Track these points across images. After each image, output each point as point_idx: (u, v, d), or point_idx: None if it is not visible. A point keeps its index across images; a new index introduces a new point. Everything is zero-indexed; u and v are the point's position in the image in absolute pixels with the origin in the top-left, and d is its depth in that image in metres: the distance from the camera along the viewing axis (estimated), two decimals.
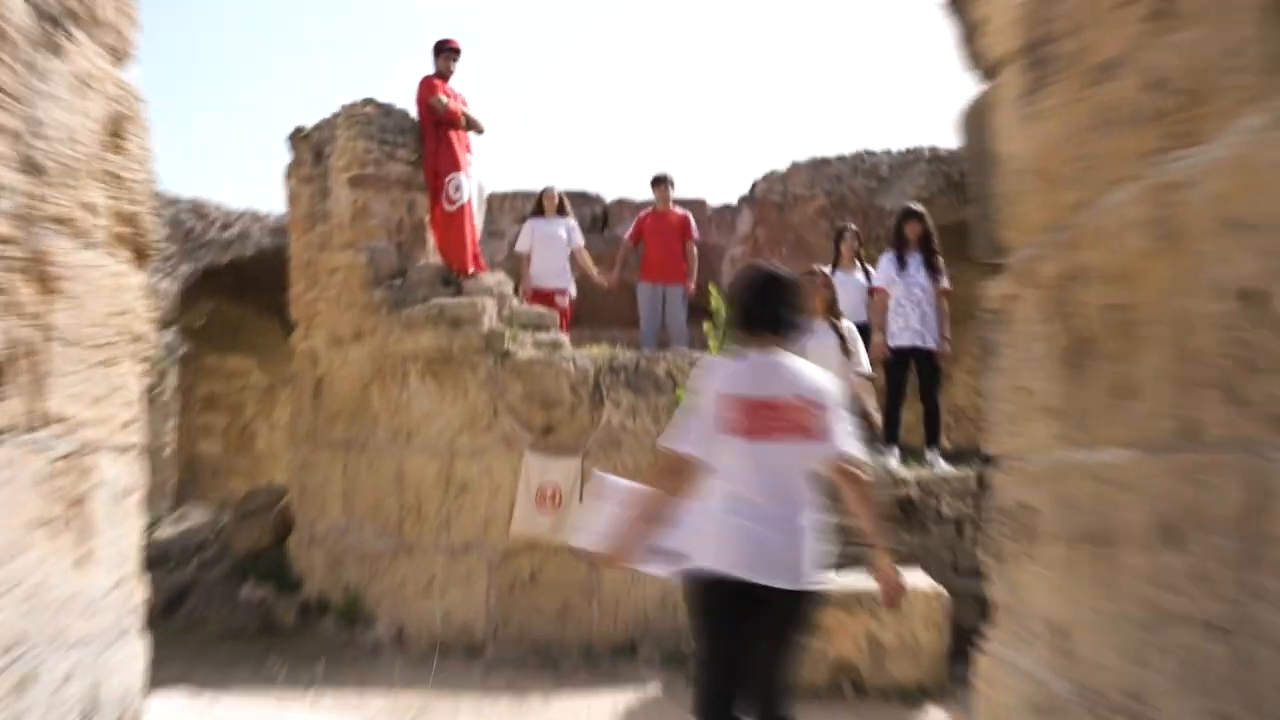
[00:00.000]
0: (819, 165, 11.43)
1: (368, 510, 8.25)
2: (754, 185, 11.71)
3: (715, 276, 11.38)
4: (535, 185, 11.51)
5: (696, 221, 11.42)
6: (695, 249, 10.39)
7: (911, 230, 8.53)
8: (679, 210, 10.47)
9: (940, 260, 8.54)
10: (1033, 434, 2.73)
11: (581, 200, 11.32)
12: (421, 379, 7.92)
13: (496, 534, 7.70)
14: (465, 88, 8.99)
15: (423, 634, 7.71)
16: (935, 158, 11.16)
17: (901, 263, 8.53)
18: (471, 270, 8.50)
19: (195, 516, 11.79)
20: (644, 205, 11.36)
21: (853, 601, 6.51)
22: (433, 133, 8.65)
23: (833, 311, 7.39)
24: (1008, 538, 2.94)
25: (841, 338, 7.21)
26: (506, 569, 7.70)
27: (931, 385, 8.56)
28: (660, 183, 10.33)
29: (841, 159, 11.45)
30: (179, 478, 15.21)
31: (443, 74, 8.84)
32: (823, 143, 52.51)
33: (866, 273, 9.03)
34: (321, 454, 8.79)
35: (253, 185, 46.67)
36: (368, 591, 8.08)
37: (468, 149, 8.79)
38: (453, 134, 8.67)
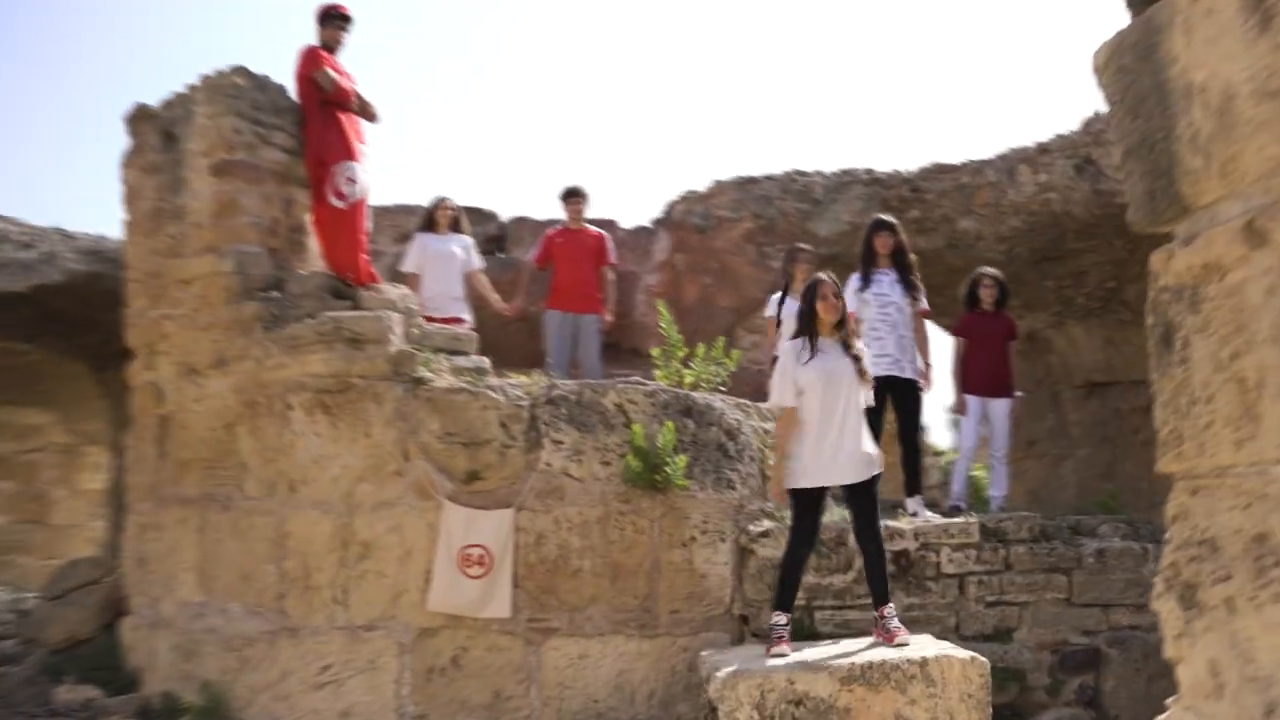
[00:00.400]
0: (745, 185, 10.67)
1: (234, 583, 6.89)
2: (671, 206, 10.87)
3: (629, 306, 10.44)
4: (417, 199, 10.35)
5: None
6: (613, 274, 9.46)
7: (882, 244, 7.79)
8: (594, 229, 9.54)
9: (917, 277, 7.80)
10: (1277, 439, 2.15)
11: (475, 217, 10.21)
12: (309, 415, 6.65)
13: (409, 608, 6.49)
14: (355, 67, 7.82)
15: None
16: (873, 180, 10.56)
17: (869, 280, 7.76)
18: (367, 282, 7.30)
19: None
20: (548, 224, 10.35)
21: (877, 676, 5.58)
22: (318, 114, 7.45)
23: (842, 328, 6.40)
24: (1219, 579, 2.35)
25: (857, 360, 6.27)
26: (422, 652, 6.47)
27: (912, 422, 7.83)
28: (573, 196, 9.43)
29: (770, 179, 10.72)
30: None
31: (329, 46, 7.66)
32: (743, 162, 52.27)
33: None
34: (168, 514, 7.39)
35: (63, 196, 43.06)
36: (234, 688, 6.71)
37: (360, 137, 7.62)
38: (342, 117, 7.49)
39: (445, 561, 6.46)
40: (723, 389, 7.35)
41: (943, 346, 9.60)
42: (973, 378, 8.40)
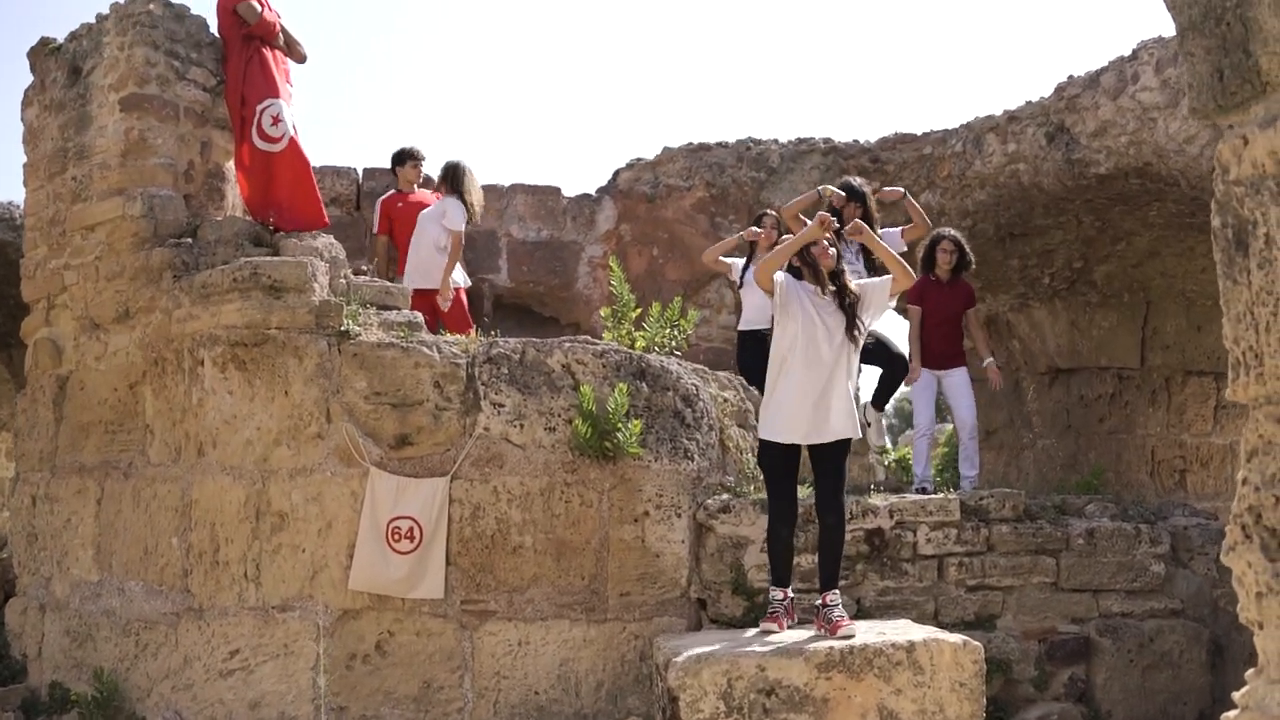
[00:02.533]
0: (697, 152, 10.09)
1: (134, 560, 6.16)
2: (617, 174, 10.27)
3: (571, 279, 9.79)
4: (344, 162, 9.63)
5: (550, 213, 9.84)
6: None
7: (852, 214, 7.17)
8: (430, 194, 8.48)
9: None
10: None
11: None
12: (221, 370, 5.90)
13: (329, 587, 5.80)
14: (282, 3, 7.10)
15: None
16: (831, 149, 10.04)
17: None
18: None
19: None
20: (485, 189, 9.65)
21: (859, 662, 4.96)
22: (240, 50, 6.73)
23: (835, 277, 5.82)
24: None
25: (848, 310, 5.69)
26: (343, 637, 5.78)
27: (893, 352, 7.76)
28: (408, 160, 8.39)
29: (724, 146, 10.15)
30: None
31: None
32: (695, 129, 51.66)
33: None
34: (64, 484, 6.66)
35: None
36: (131, 676, 6.01)
37: (287, 77, 6.90)
38: (267, 53, 6.78)
39: (370, 535, 5.76)
40: (678, 354, 6.71)
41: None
42: (924, 351, 7.79)
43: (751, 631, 5.56)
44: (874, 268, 7.22)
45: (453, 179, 7.90)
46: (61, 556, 6.62)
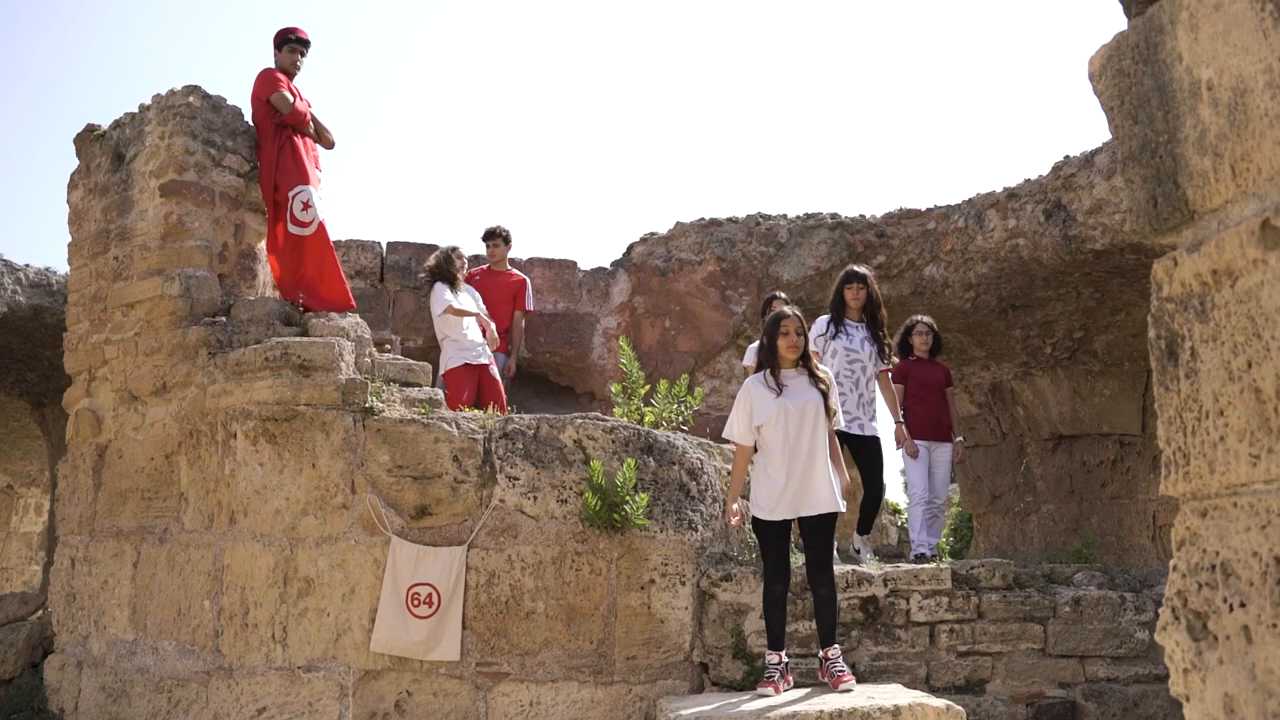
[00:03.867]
0: (708, 227, 10.50)
1: (168, 620, 6.55)
2: (631, 247, 10.68)
3: (586, 349, 10.21)
4: (367, 235, 10.13)
5: (566, 286, 10.31)
6: (523, 320, 9.51)
7: (854, 296, 7.59)
8: (516, 273, 9.52)
9: (886, 335, 7.63)
10: None
11: (429, 253, 10.00)
12: (253, 443, 6.35)
13: (352, 649, 6.15)
14: (311, 93, 7.63)
15: None
16: (838, 224, 10.42)
17: (839, 331, 7.57)
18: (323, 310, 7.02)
19: None
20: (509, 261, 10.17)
21: None
22: (272, 138, 7.23)
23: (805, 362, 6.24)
24: (1234, 606, 2.18)
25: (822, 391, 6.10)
26: (365, 696, 6.13)
27: (876, 475, 7.70)
28: (493, 238, 9.40)
29: (734, 221, 10.55)
30: None
31: (286, 70, 7.46)
32: (706, 204, 52.44)
33: None
34: (102, 547, 7.05)
35: (11, 227, 42.40)
36: None
37: (316, 163, 7.39)
38: (298, 140, 7.27)
39: (391, 600, 6.15)
40: (684, 428, 7.12)
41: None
42: (913, 424, 8.28)
43: (749, 694, 5.94)
44: (883, 352, 7.62)
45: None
46: (99, 616, 7.00)
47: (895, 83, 56.18)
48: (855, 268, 7.88)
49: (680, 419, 7.14)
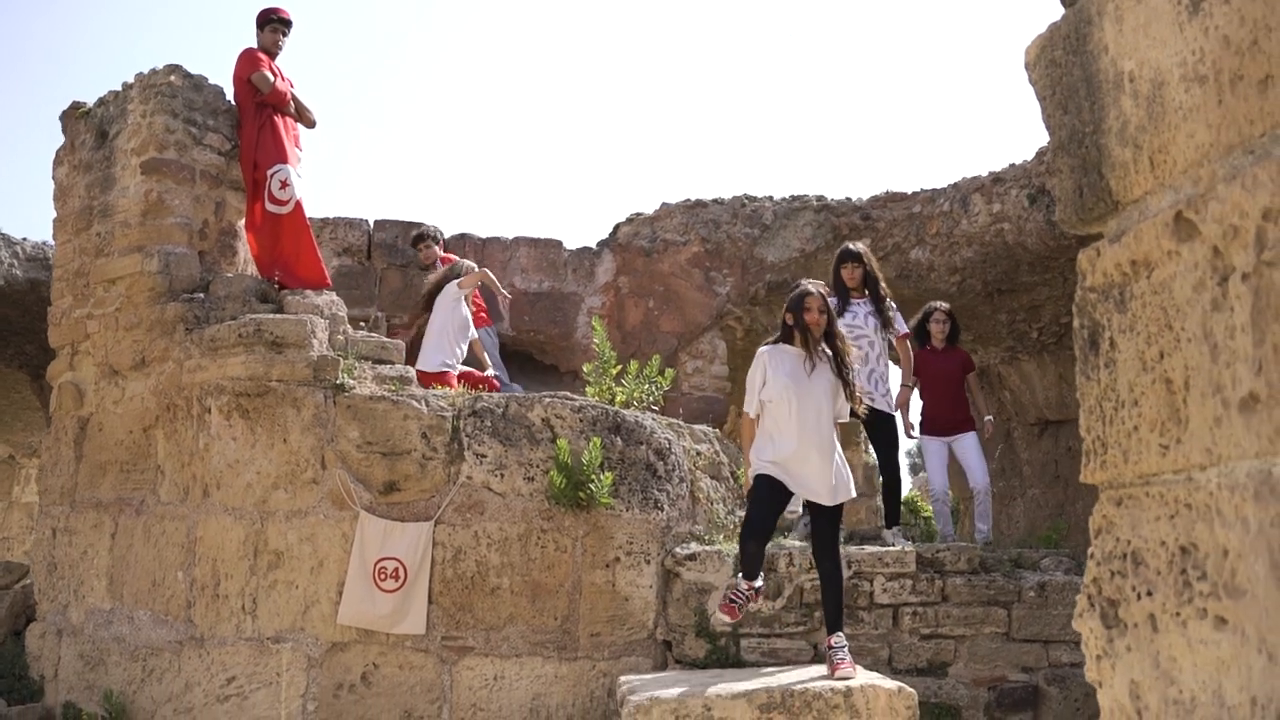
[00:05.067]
0: (694, 209, 10.60)
1: (144, 590, 6.74)
2: (616, 228, 10.79)
3: (571, 328, 10.35)
4: (354, 213, 10.27)
5: (551, 265, 10.44)
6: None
7: (850, 275, 7.61)
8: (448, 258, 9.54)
9: (891, 304, 7.67)
10: (1203, 443, 2.02)
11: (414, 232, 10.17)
12: (226, 418, 6.52)
13: (319, 621, 6.33)
14: (294, 73, 7.76)
15: None
16: (823, 207, 10.50)
17: (842, 311, 7.58)
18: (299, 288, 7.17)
19: None
20: (490, 241, 10.32)
21: (798, 705, 5.43)
22: (253, 117, 7.38)
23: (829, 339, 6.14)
24: (1142, 595, 2.20)
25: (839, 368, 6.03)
26: (331, 667, 6.31)
27: (891, 454, 7.77)
28: (420, 241, 9.44)
29: (719, 202, 10.63)
30: None
31: (268, 49, 7.60)
32: (692, 185, 52.60)
33: None
34: (82, 518, 7.24)
35: (8, 201, 42.91)
36: (138, 698, 6.55)
37: (296, 142, 7.53)
38: (278, 120, 7.42)
39: (359, 574, 6.31)
40: (655, 408, 7.24)
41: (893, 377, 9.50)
42: (929, 419, 8.21)
43: (711, 672, 6.05)
44: (885, 315, 7.64)
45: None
46: (78, 585, 7.20)
47: (882, 67, 56.08)
48: (851, 245, 7.84)
49: (651, 399, 7.27)
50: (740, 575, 5.97)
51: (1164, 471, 2.12)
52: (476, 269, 8.50)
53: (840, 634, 5.87)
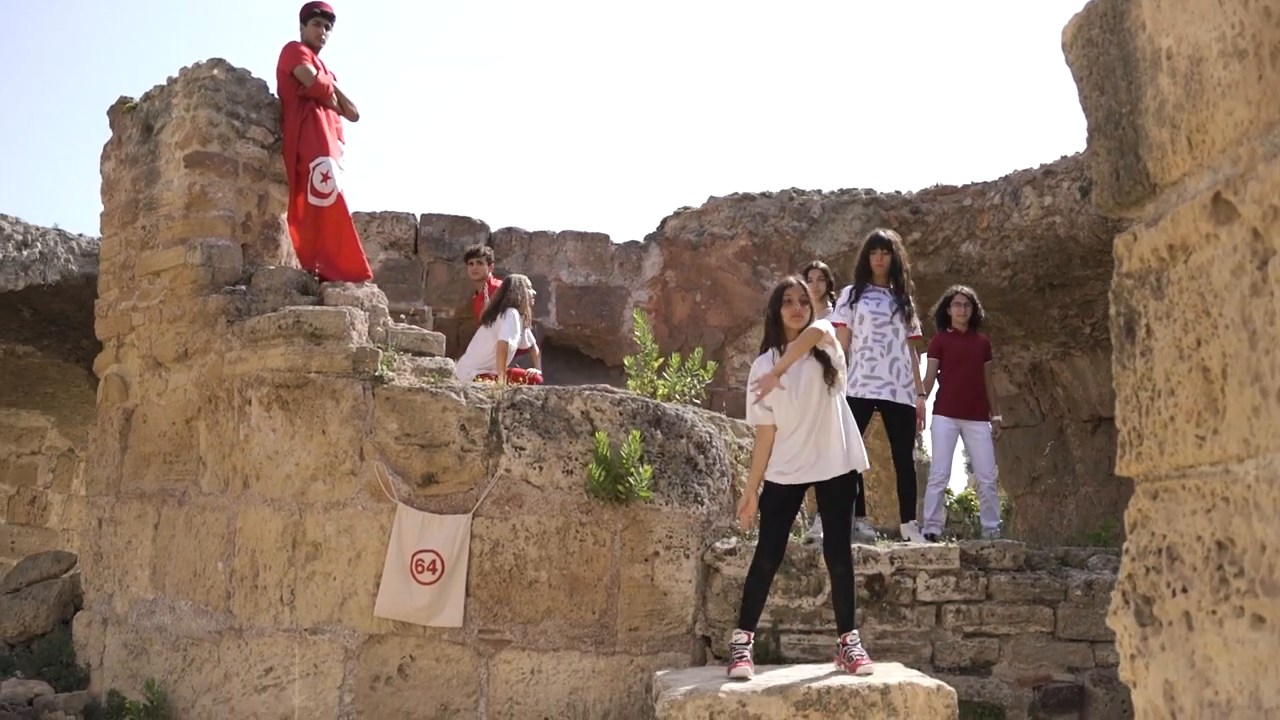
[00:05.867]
0: (741, 202, 10.52)
1: (185, 580, 6.79)
2: (664, 221, 10.75)
3: (617, 322, 10.31)
4: (401, 207, 10.29)
5: (598, 259, 10.42)
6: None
7: (878, 261, 7.57)
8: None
9: (912, 299, 7.59)
10: (1241, 433, 1.91)
11: (465, 227, 10.16)
12: (266, 409, 6.55)
13: (357, 613, 6.33)
14: (337, 66, 7.80)
15: None
16: (872, 200, 10.38)
17: (861, 296, 7.55)
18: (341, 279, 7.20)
19: None
20: (536, 235, 10.31)
21: (835, 702, 5.36)
22: (296, 110, 7.42)
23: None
24: (1177, 592, 2.10)
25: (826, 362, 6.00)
26: (368, 659, 6.31)
27: (906, 447, 7.61)
28: (472, 258, 9.30)
29: (767, 196, 10.55)
30: None
31: (311, 43, 7.63)
32: (740, 178, 52.36)
33: None
34: (127, 509, 7.31)
35: (61, 196, 43.69)
36: (179, 688, 6.60)
37: (339, 135, 7.56)
38: (321, 113, 7.44)
39: (396, 566, 6.31)
40: (697, 402, 7.19)
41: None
42: (945, 399, 8.09)
43: (733, 684, 5.84)
44: (908, 317, 7.56)
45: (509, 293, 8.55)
46: (122, 575, 7.28)
47: (933, 58, 55.37)
48: (880, 232, 7.83)
49: (693, 393, 7.22)
50: (738, 628, 5.87)
51: (1200, 463, 2.04)
52: (530, 291, 8.53)
53: (855, 632, 5.79)
